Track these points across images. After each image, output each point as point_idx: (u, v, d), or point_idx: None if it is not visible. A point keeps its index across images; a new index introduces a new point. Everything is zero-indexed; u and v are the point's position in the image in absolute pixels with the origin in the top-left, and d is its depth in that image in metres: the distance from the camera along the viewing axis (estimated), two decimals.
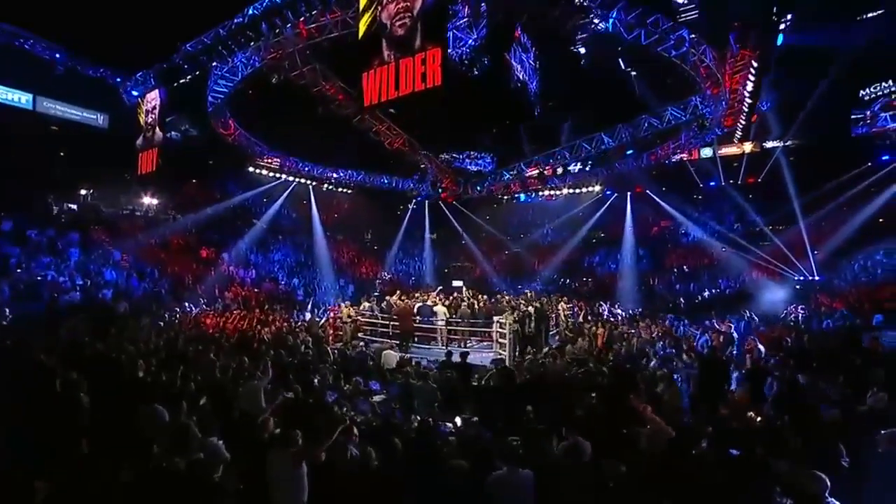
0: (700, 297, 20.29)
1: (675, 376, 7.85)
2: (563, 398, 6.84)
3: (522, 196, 24.77)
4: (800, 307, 16.08)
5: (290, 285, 21.61)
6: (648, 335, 12.33)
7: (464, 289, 16.47)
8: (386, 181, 24.25)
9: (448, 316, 12.80)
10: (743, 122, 14.02)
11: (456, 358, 9.04)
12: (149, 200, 24.20)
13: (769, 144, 23.97)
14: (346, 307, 13.93)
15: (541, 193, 24.75)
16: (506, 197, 22.75)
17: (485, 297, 15.32)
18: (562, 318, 14.29)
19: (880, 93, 21.36)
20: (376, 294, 18.60)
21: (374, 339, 13.23)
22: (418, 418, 6.78)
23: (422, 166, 19.31)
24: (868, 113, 21.67)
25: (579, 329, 13.11)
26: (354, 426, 5.63)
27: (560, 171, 19.99)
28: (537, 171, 19.15)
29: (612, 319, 14.75)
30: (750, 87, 10.97)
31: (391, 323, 12.88)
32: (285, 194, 25.91)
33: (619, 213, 26.70)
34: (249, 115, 16.73)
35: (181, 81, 11.96)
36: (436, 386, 7.73)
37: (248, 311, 16.39)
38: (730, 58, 10.64)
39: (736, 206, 24.43)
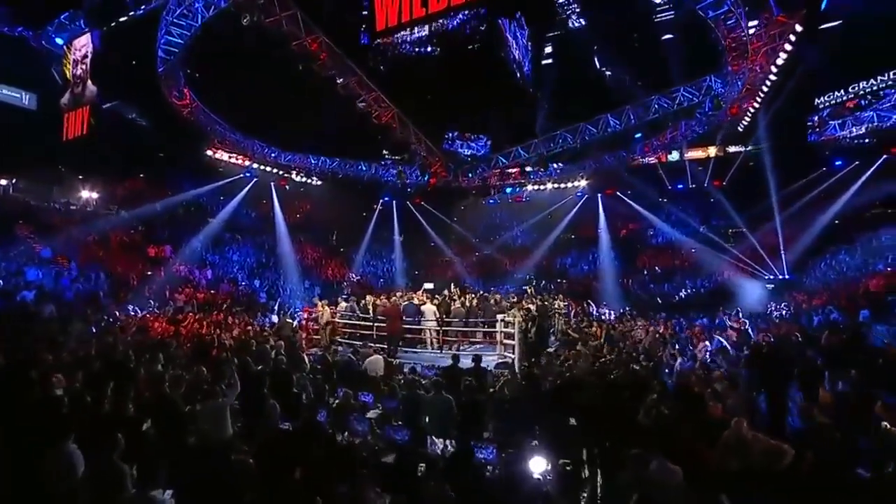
0: (678, 297, 19.74)
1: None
2: (613, 406, 5.44)
3: (509, 189, 23.26)
4: (782, 304, 15.68)
5: (250, 287, 19.23)
6: (650, 333, 11.24)
7: (452, 286, 14.91)
8: (364, 169, 21.57)
9: (438, 316, 11.17)
10: (754, 109, 13.31)
11: (465, 362, 7.45)
12: (87, 194, 21.10)
13: (732, 149, 24.13)
14: (322, 305, 12.00)
15: (526, 188, 23.38)
16: (493, 189, 21.00)
17: (471, 295, 13.82)
18: (558, 317, 13.02)
19: (833, 101, 21.88)
20: (345, 296, 16.71)
21: (354, 342, 11.40)
22: (445, 442, 5.16)
23: (412, 147, 17.20)
24: (816, 119, 22.16)
25: (581, 329, 11.86)
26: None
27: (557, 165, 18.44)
28: (535, 156, 17.55)
29: (605, 319, 13.65)
30: (782, 59, 10.13)
31: (375, 324, 11.09)
32: (244, 191, 23.45)
33: (590, 214, 26.06)
34: (208, 88, 14.23)
35: (121, 20, 9.47)
36: (451, 397, 6.11)
37: (204, 314, 14.06)
38: (761, 27, 9.77)
39: (702, 207, 24.31)
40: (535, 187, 23.78)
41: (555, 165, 21.11)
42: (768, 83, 11.59)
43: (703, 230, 23.24)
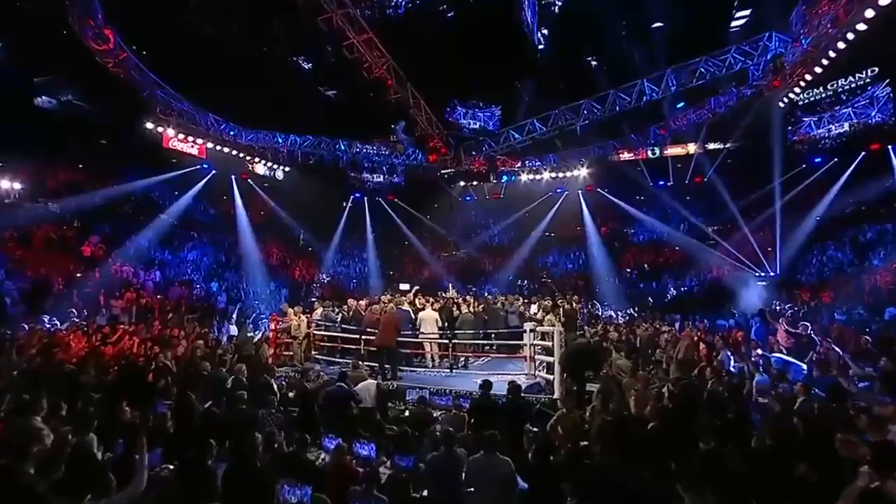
0: (669, 295, 18.28)
1: None
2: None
3: (505, 178, 20.71)
4: (787, 303, 14.36)
5: (207, 290, 16.17)
6: (682, 340, 9.36)
7: (451, 287, 12.54)
8: (343, 149, 18.06)
9: (441, 324, 8.82)
10: (808, 80, 11.49)
11: (495, 386, 5.14)
12: (8, 184, 17.30)
13: (712, 146, 23.15)
14: (294, 313, 9.38)
15: (520, 177, 20.88)
16: (493, 174, 18.21)
17: (473, 299, 11.52)
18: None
19: (812, 98, 21.16)
20: (315, 299, 14.13)
21: (335, 359, 8.91)
22: None
23: (410, 112, 14.06)
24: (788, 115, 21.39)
25: (606, 336, 9.82)
26: None
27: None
28: (552, 130, 14.81)
29: (617, 322, 11.73)
30: (875, 8, 7.90)
31: (363, 337, 8.55)
32: (201, 184, 20.22)
33: (570, 213, 24.44)
34: (146, 45, 10.91)
35: None
36: (509, 459, 3.84)
37: (145, 325, 11.05)
38: None
39: (685, 204, 23.12)
40: (531, 177, 21.36)
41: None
42: (845, 40, 9.50)
43: (686, 226, 22.07)
